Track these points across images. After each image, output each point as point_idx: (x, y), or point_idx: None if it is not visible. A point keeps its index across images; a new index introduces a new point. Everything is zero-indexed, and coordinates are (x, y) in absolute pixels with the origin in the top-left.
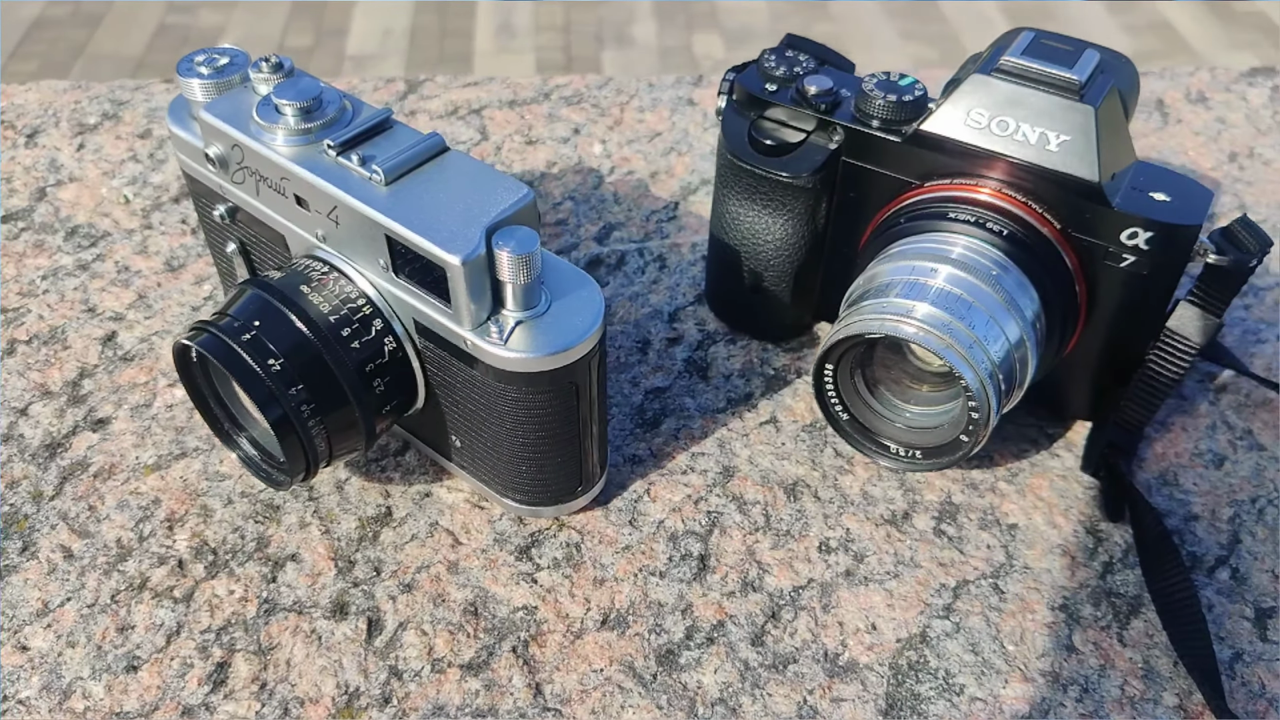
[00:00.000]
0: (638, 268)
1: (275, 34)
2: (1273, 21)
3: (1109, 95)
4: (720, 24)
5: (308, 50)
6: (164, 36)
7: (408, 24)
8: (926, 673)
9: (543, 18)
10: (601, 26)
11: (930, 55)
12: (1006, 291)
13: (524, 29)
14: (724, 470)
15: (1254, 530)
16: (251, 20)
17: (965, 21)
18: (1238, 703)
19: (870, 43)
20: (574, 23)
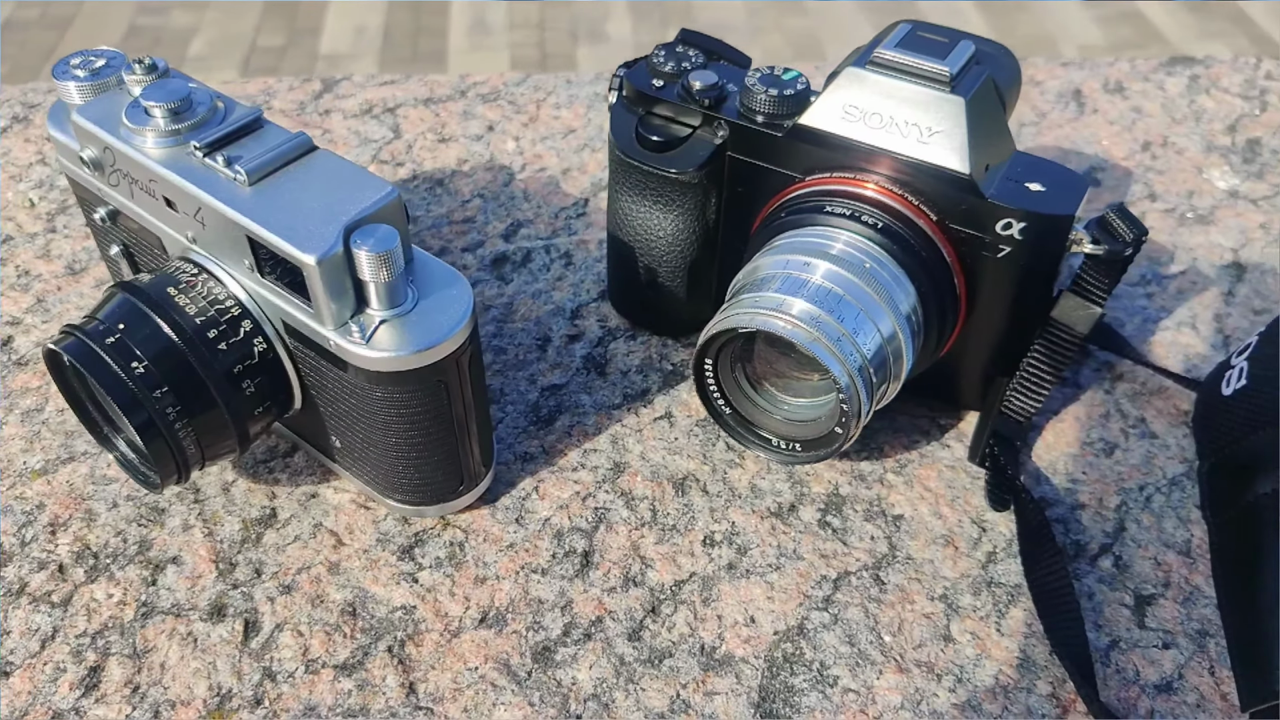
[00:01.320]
0: (543, 265)
1: (247, 34)
2: (1243, 11)
3: (982, 87)
4: (695, 19)
5: (280, 50)
6: (135, 38)
7: (381, 22)
8: (802, 665)
9: (517, 15)
10: (576, 23)
11: None
12: (881, 285)
13: (498, 26)
14: (615, 466)
15: (1140, 518)
16: (223, 20)
17: (940, 16)
18: (1111, 690)
19: (845, 37)
20: (548, 19)
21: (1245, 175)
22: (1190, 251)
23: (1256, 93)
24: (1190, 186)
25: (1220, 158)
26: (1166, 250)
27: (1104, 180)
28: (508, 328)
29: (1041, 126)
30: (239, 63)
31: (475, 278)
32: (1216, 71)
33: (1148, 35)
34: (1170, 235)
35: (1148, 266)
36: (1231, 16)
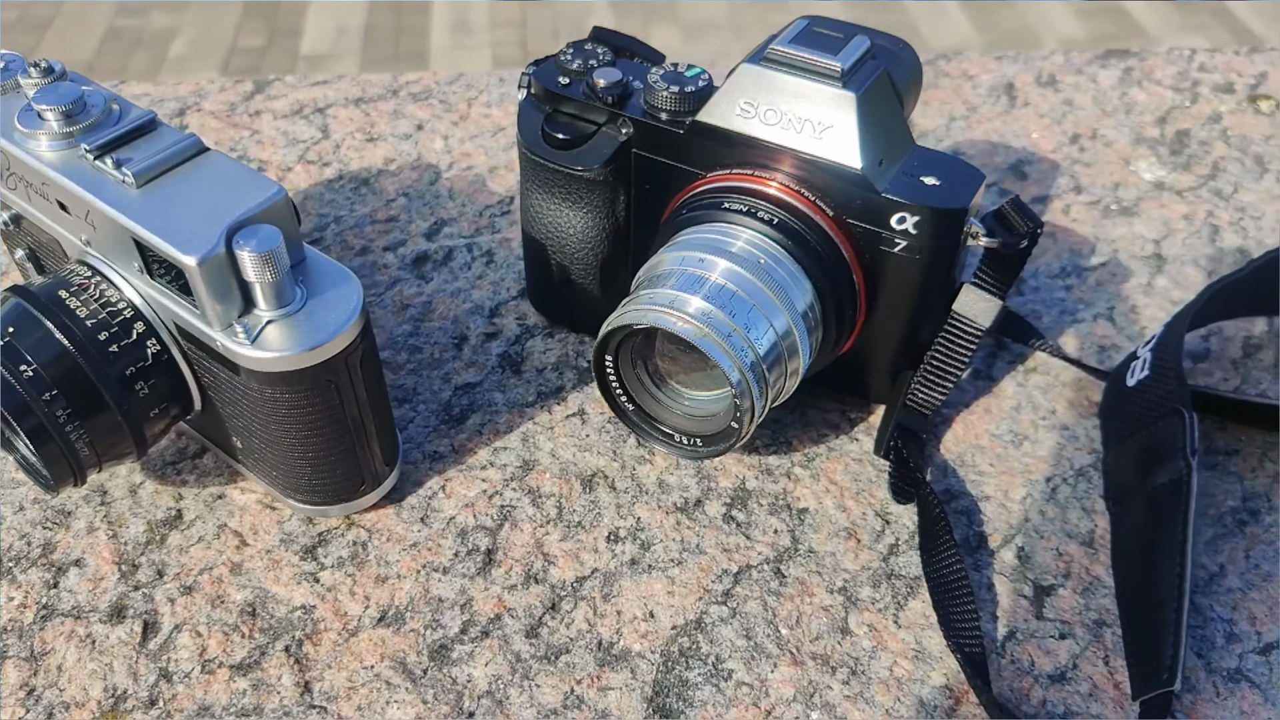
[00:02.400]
0: (464, 263)
1: (227, 35)
2: (1225, 5)
3: (876, 82)
4: (678, 17)
5: (261, 50)
6: (114, 40)
7: (362, 22)
8: (697, 659)
9: (499, 13)
10: (558, 21)
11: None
12: (776, 282)
13: (480, 25)
14: (524, 464)
15: (1044, 509)
16: (203, 22)
17: (923, 11)
18: (1004, 680)
19: None
20: (530, 18)
21: (1172, 167)
22: (1112, 243)
23: (1189, 84)
24: (1117, 178)
25: (1148, 149)
26: (1088, 242)
27: (1030, 173)
28: (424, 326)
29: (971, 120)
30: (219, 64)
31: (395, 277)
32: (1151, 64)
33: (1129, 29)
34: (1093, 227)
35: (1068, 259)
36: (1213, 10)
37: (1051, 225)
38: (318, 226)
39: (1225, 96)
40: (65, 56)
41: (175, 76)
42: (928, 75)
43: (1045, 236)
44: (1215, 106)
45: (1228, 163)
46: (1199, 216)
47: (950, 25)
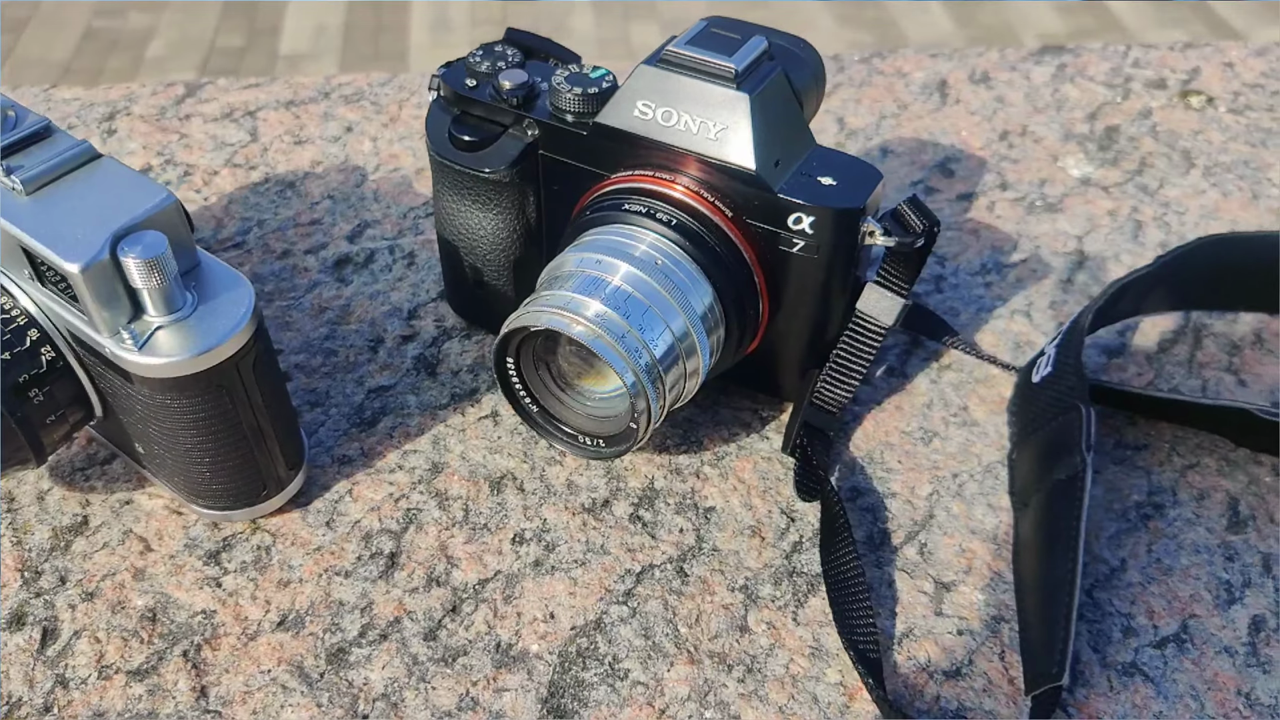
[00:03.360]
0: (385, 265)
1: (206, 35)
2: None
3: (772, 83)
4: (658, 14)
5: (239, 51)
6: (91, 41)
7: (341, 21)
8: (594, 659)
9: (479, 11)
10: (539, 19)
11: (867, 40)
12: (674, 283)
13: (460, 23)
14: (433, 467)
15: (949, 505)
16: (182, 21)
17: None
18: (900, 676)
19: (807, 28)
20: (511, 16)
21: (1100, 163)
22: (1034, 240)
23: (1121, 80)
24: (1044, 175)
25: (1077, 145)
26: (1011, 239)
27: (957, 171)
28: (341, 329)
29: (902, 118)
30: (198, 64)
31: (315, 280)
32: (1085, 60)
33: (1107, 24)
34: (1017, 224)
35: (990, 256)
36: (1192, 6)
37: (975, 222)
38: (240, 230)
39: (1157, 92)
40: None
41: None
42: (862, 73)
43: (968, 234)
44: (1147, 102)
45: (1155, 158)
46: (1123, 212)
47: (931, 22)
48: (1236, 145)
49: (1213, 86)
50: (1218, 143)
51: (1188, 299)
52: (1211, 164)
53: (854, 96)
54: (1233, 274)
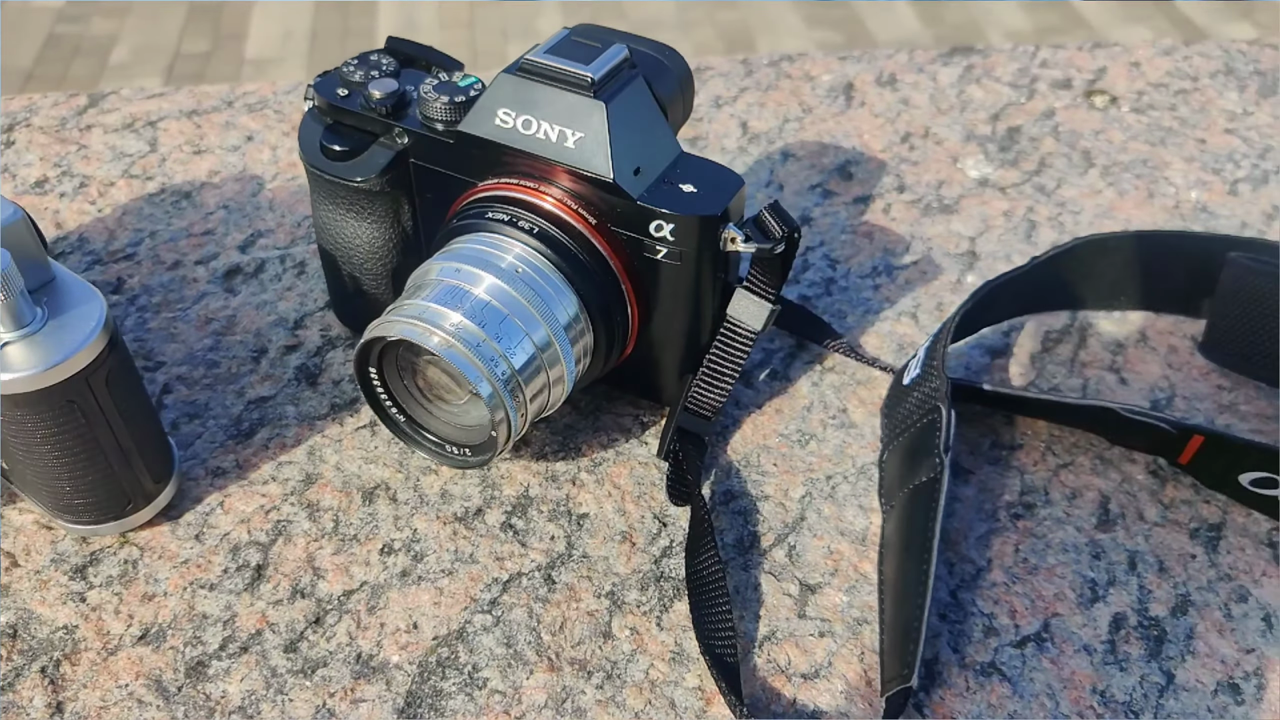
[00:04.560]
0: (275, 275)
1: (171, 40)
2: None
3: (630, 91)
4: (626, 16)
5: (205, 56)
6: (54, 47)
7: (308, 26)
8: (454, 668)
9: (447, 14)
10: (507, 21)
11: (835, 39)
12: (535, 292)
13: (428, 26)
14: (306, 478)
15: (821, 508)
16: (146, 27)
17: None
18: (759, 679)
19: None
20: (479, 18)
21: (1000, 163)
22: (927, 241)
23: (1027, 81)
24: (942, 176)
25: (977, 146)
26: (904, 241)
27: (856, 174)
28: (226, 340)
29: (805, 121)
30: (162, 70)
31: (203, 291)
32: (993, 61)
33: (1073, 21)
34: (911, 226)
35: (881, 258)
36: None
37: (869, 225)
38: (132, 242)
39: (1062, 92)
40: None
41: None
42: (769, 76)
43: (861, 236)
44: (1051, 102)
45: (1055, 158)
46: (1018, 212)
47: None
48: (1136, 144)
49: (1118, 86)
50: (1118, 142)
51: (1063, 300)
52: (1110, 163)
53: (759, 100)
54: (1108, 274)
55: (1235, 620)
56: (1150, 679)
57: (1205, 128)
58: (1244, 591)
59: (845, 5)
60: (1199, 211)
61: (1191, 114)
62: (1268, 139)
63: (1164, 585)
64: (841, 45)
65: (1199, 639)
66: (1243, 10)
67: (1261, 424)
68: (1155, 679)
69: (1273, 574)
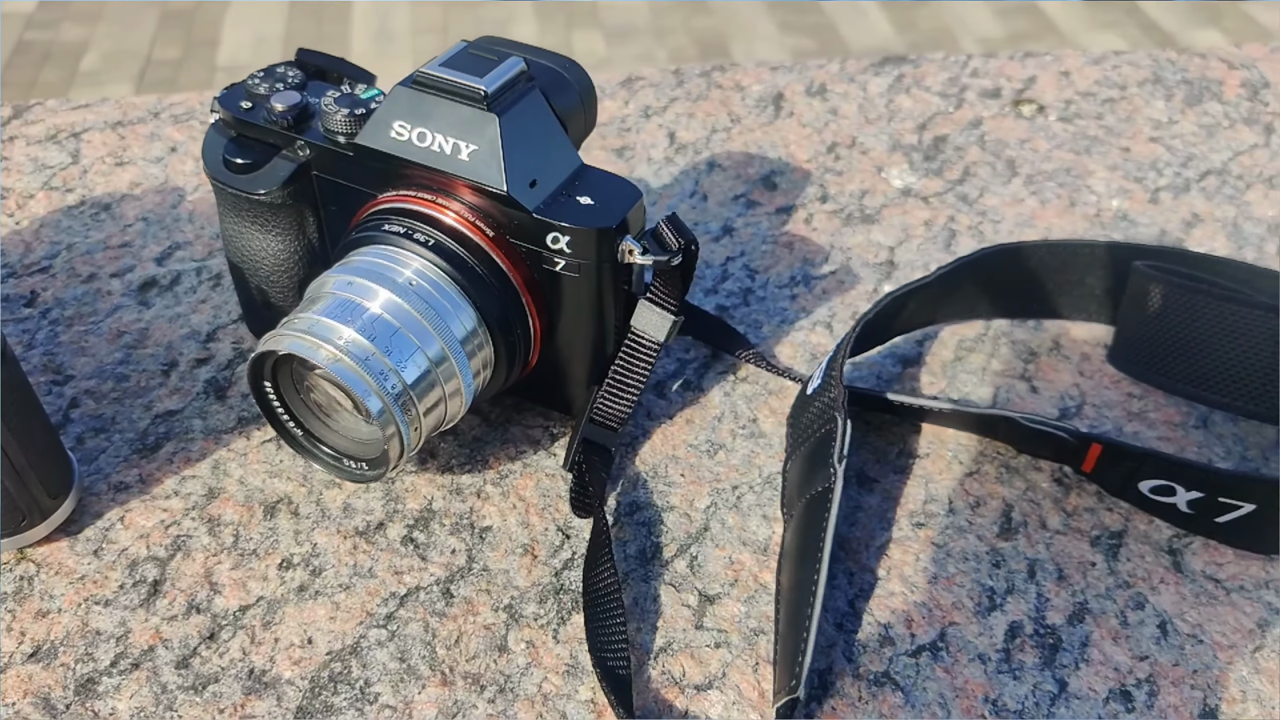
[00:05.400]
0: (190, 287)
1: (143, 47)
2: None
3: (525, 104)
4: (601, 21)
5: (177, 62)
6: (23, 54)
7: (281, 31)
8: (346, 683)
9: (420, 19)
10: (481, 27)
11: (809, 46)
12: (429, 305)
13: (402, 32)
14: (209, 492)
15: (725, 518)
16: (117, 33)
17: (841, 12)
18: (652, 691)
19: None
20: (452, 24)
21: (924, 173)
22: (846, 251)
23: (957, 90)
24: (865, 186)
25: (902, 156)
26: (824, 251)
27: (780, 184)
28: (136, 354)
29: (733, 131)
30: (134, 76)
31: (117, 304)
32: (924, 70)
33: (1043, 28)
34: (831, 236)
35: (800, 268)
36: (1123, 7)
37: (790, 235)
38: (48, 254)
39: (990, 101)
40: None
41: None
42: (700, 87)
43: (782, 246)
44: (979, 112)
45: (979, 167)
46: (939, 222)
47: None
48: (1061, 153)
49: (1046, 95)
50: (1043, 150)
51: (975, 309)
52: (1034, 172)
53: (688, 110)
54: (1019, 283)
55: (1131, 628)
56: (1043, 687)
57: (1130, 136)
58: (1141, 599)
59: (819, 11)
60: (1119, 220)
61: (1117, 123)
62: (1191, 147)
63: (1062, 593)
64: (815, 52)
65: (1093, 647)
66: (1210, 17)
67: (1169, 431)
68: (1048, 687)
69: (1171, 581)
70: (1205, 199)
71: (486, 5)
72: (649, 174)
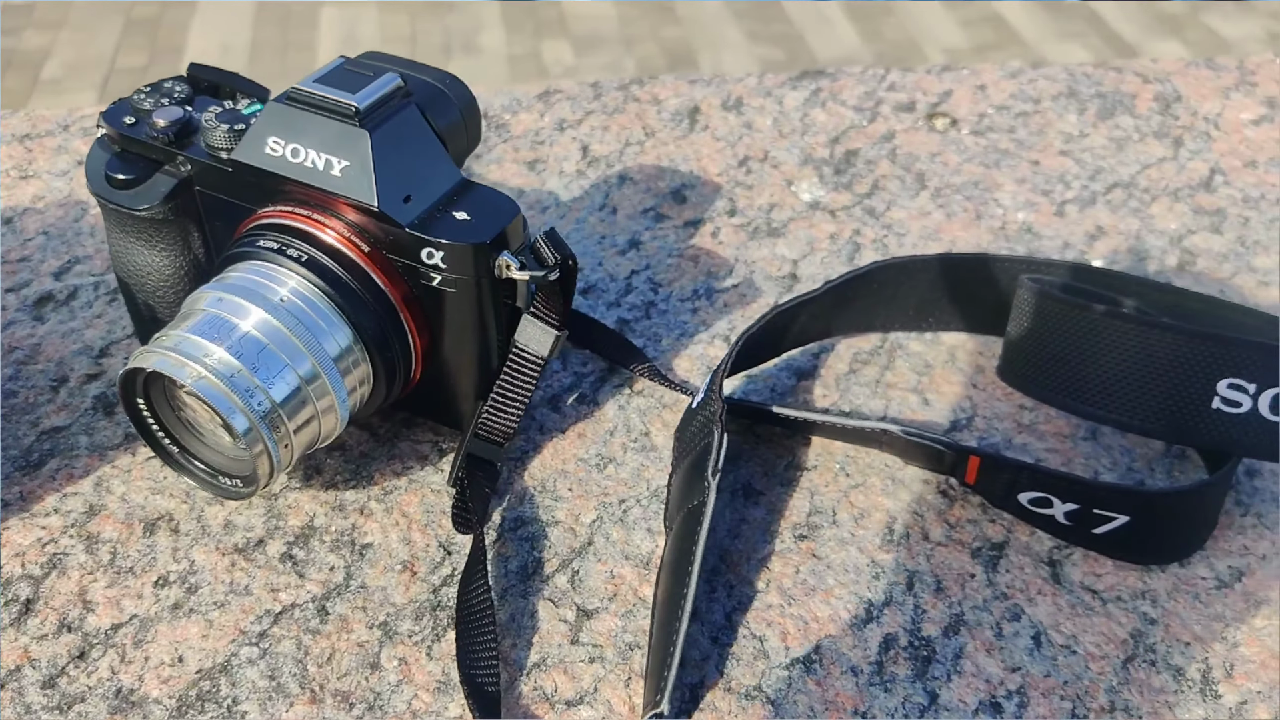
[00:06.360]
0: (87, 302)
1: (106, 54)
2: (1096, 12)
3: (399, 119)
4: (569, 30)
5: (142, 70)
6: None
7: (248, 39)
8: (214, 702)
9: (389, 28)
10: (449, 36)
11: (777, 56)
12: (299, 321)
13: (369, 40)
14: (89, 509)
15: (610, 532)
16: (81, 40)
17: (807, 20)
18: (522, 707)
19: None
20: (420, 33)
21: (833, 186)
22: (750, 265)
23: (872, 104)
24: (774, 200)
25: (813, 170)
26: (727, 264)
27: (690, 197)
28: (27, 370)
29: (646, 145)
30: (97, 84)
31: (11, 319)
32: (841, 84)
33: (1007, 38)
34: (736, 249)
35: (703, 282)
36: (1086, 18)
37: (696, 249)
38: None
39: (904, 115)
40: None
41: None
42: (617, 100)
43: (687, 260)
44: (892, 125)
45: (889, 180)
46: (845, 235)
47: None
48: (971, 166)
49: (960, 109)
50: (953, 164)
51: (868, 322)
52: (943, 185)
53: (603, 124)
54: (912, 296)
55: (1005, 639)
56: (913, 699)
57: (1041, 149)
58: (1018, 610)
59: (787, 21)
60: (1024, 232)
61: (1029, 136)
62: (1100, 160)
63: (939, 605)
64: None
65: (967, 658)
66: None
67: (1058, 443)
68: (918, 699)
69: (1048, 592)
70: (1110, 212)
71: (454, 14)
72: (559, 187)
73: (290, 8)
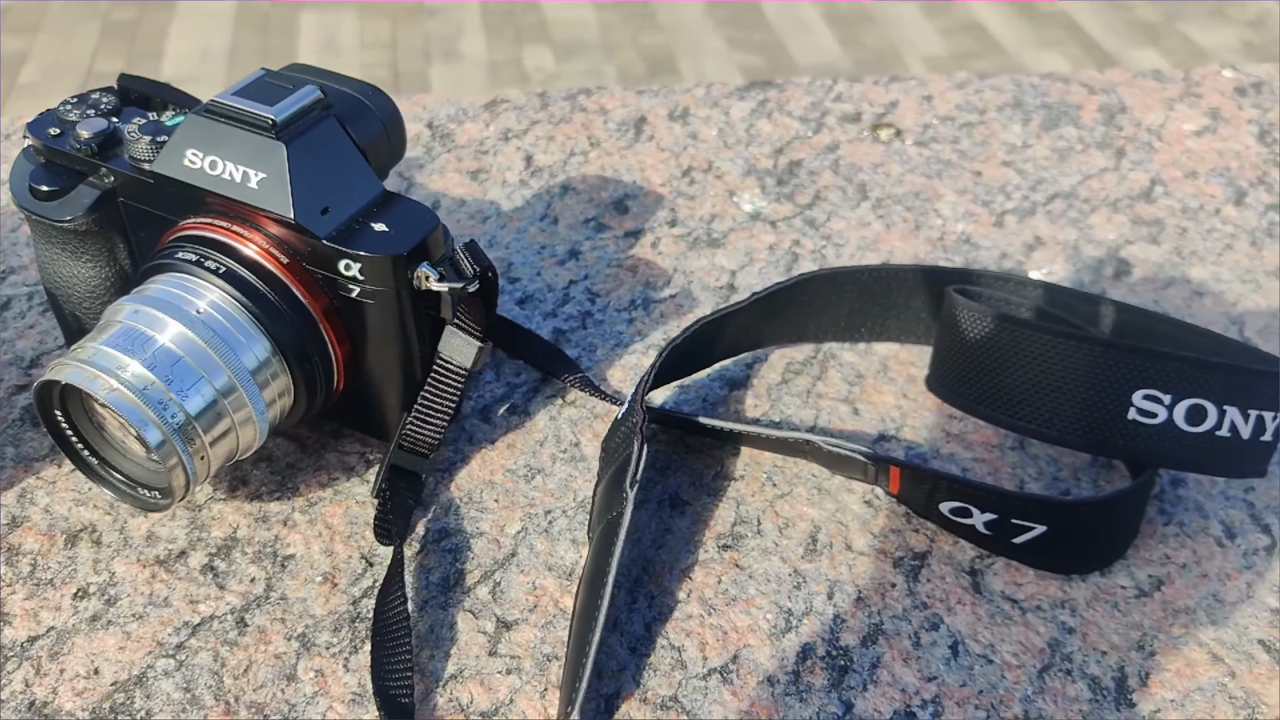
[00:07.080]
0: (20, 313)
1: (84, 59)
2: (1074, 20)
3: (318, 132)
4: (550, 37)
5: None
6: None
7: (227, 44)
8: (128, 714)
9: (369, 34)
10: (429, 42)
11: (758, 63)
12: (215, 333)
13: (349, 46)
14: (12, 521)
15: (534, 543)
16: (57, 45)
17: (787, 27)
18: (436, 717)
19: (698, 52)
20: (401, 38)
21: (775, 197)
22: (689, 275)
23: (818, 115)
24: (716, 210)
25: (755, 181)
26: (666, 275)
27: (632, 208)
28: None
29: (591, 155)
30: (74, 89)
31: None
32: (789, 94)
33: (988, 47)
34: (676, 260)
35: (640, 292)
36: (1065, 26)
37: (635, 259)
38: None
39: (849, 126)
40: None
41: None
42: (564, 110)
43: (626, 270)
44: (836, 136)
45: (830, 191)
46: (784, 245)
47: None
48: (913, 177)
49: (906, 120)
50: (895, 175)
51: (799, 332)
52: (884, 196)
53: (548, 134)
54: (843, 307)
55: (923, 648)
56: (828, 709)
57: (984, 160)
58: (937, 619)
59: (767, 29)
60: (962, 243)
61: (972, 146)
62: (1042, 170)
63: (859, 614)
64: (764, 69)
65: (883, 668)
66: (1149, 37)
67: (985, 453)
68: (833, 709)
69: (968, 602)
70: (1049, 222)
71: (435, 20)
72: (501, 197)
73: (270, 13)
